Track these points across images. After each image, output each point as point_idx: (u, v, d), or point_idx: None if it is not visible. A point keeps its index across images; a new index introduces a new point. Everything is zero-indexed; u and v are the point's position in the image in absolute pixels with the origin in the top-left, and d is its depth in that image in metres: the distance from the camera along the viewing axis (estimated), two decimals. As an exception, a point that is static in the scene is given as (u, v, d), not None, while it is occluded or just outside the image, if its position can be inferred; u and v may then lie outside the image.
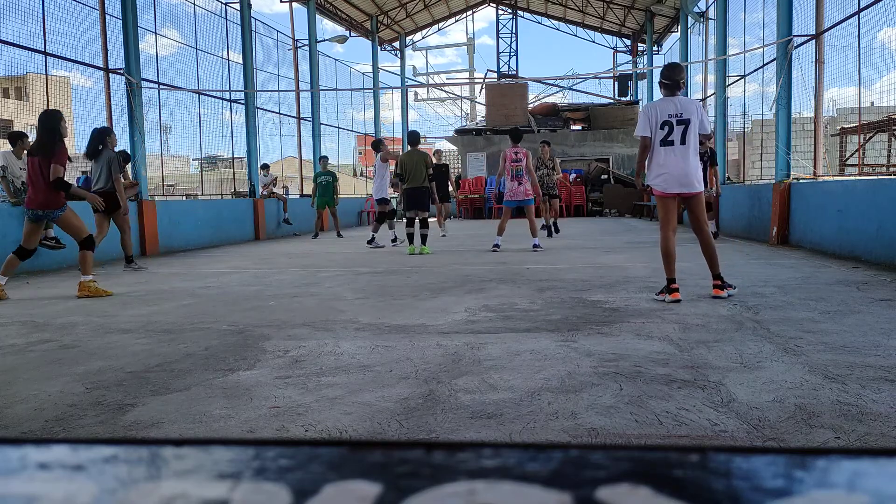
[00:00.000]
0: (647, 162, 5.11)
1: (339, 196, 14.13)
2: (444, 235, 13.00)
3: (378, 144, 11.47)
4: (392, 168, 11.26)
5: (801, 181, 9.82)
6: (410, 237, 9.75)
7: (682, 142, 4.89)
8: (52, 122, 5.90)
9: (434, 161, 12.66)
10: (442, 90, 30.52)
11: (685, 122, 4.89)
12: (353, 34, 21.60)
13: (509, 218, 9.85)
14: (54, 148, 5.82)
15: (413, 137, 10.10)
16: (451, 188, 13.88)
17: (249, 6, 14.60)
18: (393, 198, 12.83)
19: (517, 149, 9.48)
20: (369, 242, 10.97)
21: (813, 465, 0.35)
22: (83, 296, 5.86)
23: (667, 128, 4.91)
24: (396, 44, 25.43)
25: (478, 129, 24.82)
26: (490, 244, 9.93)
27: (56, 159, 5.79)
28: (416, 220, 9.67)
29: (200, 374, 3.22)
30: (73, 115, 10.69)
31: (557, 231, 12.45)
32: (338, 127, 20.58)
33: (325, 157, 13.98)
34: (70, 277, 7.57)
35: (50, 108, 6.38)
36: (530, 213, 9.73)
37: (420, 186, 9.60)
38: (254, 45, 14.84)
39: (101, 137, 7.70)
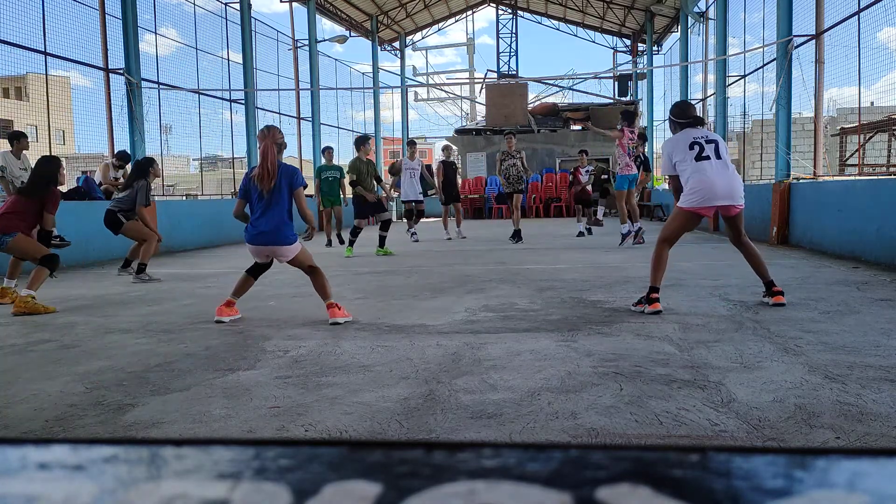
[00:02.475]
0: (684, 186, 4.77)
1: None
2: (448, 239, 12.07)
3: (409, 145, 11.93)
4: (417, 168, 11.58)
5: (801, 181, 9.82)
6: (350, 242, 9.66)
7: (718, 156, 4.64)
8: (48, 169, 5.70)
9: (444, 157, 12.61)
10: (442, 90, 30.52)
11: (713, 141, 4.69)
12: (353, 34, 21.60)
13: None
14: (45, 194, 5.60)
15: (356, 141, 9.72)
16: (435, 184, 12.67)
17: (249, 6, 14.60)
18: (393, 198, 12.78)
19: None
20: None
21: (813, 465, 0.35)
22: (19, 313, 5.06)
23: (697, 147, 4.66)
24: (396, 44, 25.43)
25: (478, 129, 24.83)
26: (486, 246, 9.90)
27: (48, 208, 5.59)
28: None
29: (200, 374, 3.22)
30: (73, 115, 10.71)
31: (520, 239, 10.98)
32: (338, 127, 20.57)
33: (330, 148, 12.11)
34: (70, 278, 7.57)
35: (50, 155, 6.12)
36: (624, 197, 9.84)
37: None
38: (254, 45, 14.84)
39: (143, 169, 7.51)
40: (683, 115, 4.81)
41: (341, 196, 11.68)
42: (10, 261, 5.94)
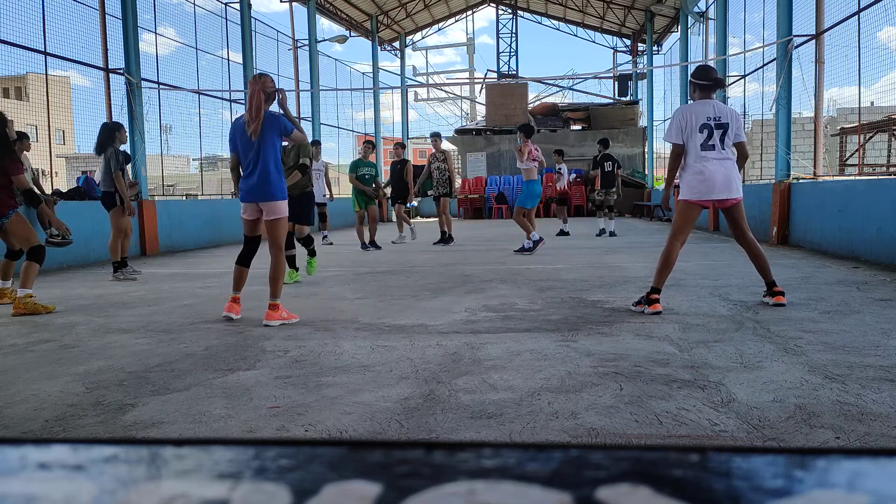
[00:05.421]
0: (679, 170, 4.75)
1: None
2: (402, 236, 11.85)
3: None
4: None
5: (801, 181, 9.82)
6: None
7: (723, 146, 4.60)
8: None
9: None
10: (442, 90, 30.52)
11: (723, 127, 4.60)
12: (353, 34, 21.60)
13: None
14: (3, 159, 5.17)
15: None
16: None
17: (249, 6, 14.60)
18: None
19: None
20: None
21: (813, 465, 0.35)
22: (18, 314, 5.05)
23: (706, 132, 4.59)
24: (396, 44, 25.43)
25: (478, 129, 24.83)
26: (486, 246, 9.89)
27: (12, 171, 5.20)
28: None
29: (200, 374, 3.22)
30: (73, 115, 10.70)
31: (450, 240, 11.02)
32: (338, 127, 20.58)
33: (370, 143, 10.89)
34: (70, 278, 7.57)
35: None
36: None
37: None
38: (254, 45, 14.84)
39: (107, 133, 7.21)
40: (705, 77, 4.74)
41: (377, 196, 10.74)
42: (1, 263, 5.91)
